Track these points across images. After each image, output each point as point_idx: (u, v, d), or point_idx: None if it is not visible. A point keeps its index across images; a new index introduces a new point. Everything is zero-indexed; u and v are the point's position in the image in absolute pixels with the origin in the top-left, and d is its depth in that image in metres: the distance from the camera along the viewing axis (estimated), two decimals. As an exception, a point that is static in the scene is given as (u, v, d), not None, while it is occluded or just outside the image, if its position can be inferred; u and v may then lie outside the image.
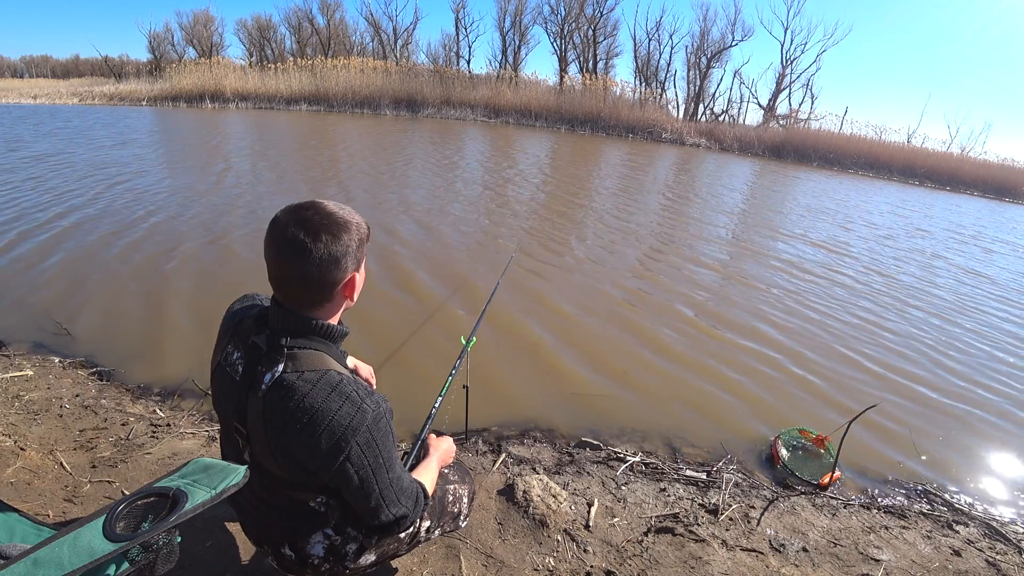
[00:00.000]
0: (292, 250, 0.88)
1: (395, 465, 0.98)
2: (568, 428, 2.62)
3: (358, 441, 0.90)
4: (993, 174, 19.67)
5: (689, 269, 5.30)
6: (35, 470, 1.91)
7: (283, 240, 0.88)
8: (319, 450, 0.89)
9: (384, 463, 0.95)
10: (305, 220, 0.88)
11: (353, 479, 0.92)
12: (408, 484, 1.03)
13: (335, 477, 0.92)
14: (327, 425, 0.88)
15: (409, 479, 1.05)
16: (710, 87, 28.22)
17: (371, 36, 30.55)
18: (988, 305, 5.44)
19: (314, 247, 0.87)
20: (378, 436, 0.93)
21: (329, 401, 0.89)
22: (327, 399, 0.89)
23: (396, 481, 0.99)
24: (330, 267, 0.90)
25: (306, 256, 0.88)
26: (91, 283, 3.84)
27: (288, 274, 0.90)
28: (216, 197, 6.49)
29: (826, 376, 3.42)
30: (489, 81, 25.22)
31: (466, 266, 4.75)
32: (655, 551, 1.82)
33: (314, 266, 0.89)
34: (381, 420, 0.93)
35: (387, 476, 0.96)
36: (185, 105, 21.01)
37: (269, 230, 0.90)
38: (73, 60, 38.69)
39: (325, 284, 0.92)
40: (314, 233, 0.88)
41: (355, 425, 0.89)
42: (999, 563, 1.98)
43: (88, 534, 0.68)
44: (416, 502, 1.05)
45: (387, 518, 0.99)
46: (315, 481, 0.95)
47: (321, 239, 0.88)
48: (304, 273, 0.89)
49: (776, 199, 11.01)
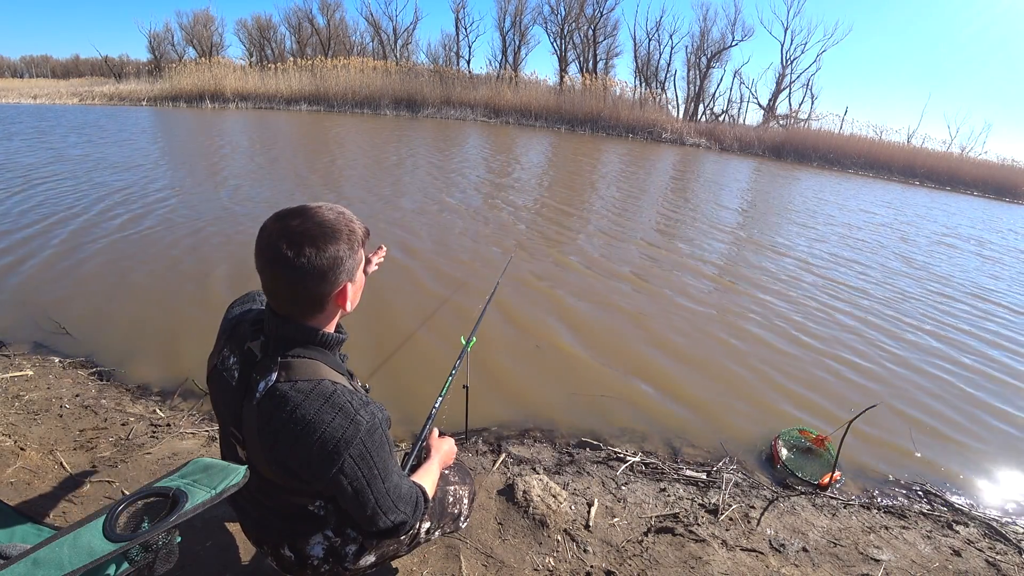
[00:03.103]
0: (276, 263, 0.84)
1: (391, 474, 0.96)
2: (568, 428, 2.62)
3: (351, 453, 0.88)
4: (993, 174, 19.68)
5: (689, 270, 5.30)
6: (35, 470, 1.91)
7: (268, 252, 0.85)
8: (312, 462, 0.87)
9: (379, 473, 0.93)
10: (290, 231, 0.84)
11: (347, 490, 0.91)
12: (407, 490, 1.01)
13: (329, 487, 0.91)
14: (319, 437, 0.86)
15: (408, 485, 1.03)
16: (710, 87, 28.28)
17: (371, 36, 30.62)
18: (989, 305, 5.44)
19: (296, 260, 0.83)
20: (372, 448, 0.90)
21: (322, 413, 0.86)
22: (320, 411, 0.86)
23: (393, 489, 0.97)
24: (316, 280, 0.86)
25: (290, 270, 0.84)
26: (91, 283, 3.84)
27: (275, 286, 0.88)
28: (216, 198, 6.49)
29: (826, 376, 3.42)
30: (489, 81, 25.24)
31: (466, 266, 4.75)
32: (655, 551, 1.82)
33: (299, 279, 0.85)
34: (376, 431, 0.91)
35: (383, 486, 0.94)
36: (185, 105, 21.01)
37: (257, 240, 0.87)
38: (73, 60, 38.73)
39: (313, 297, 0.89)
40: (297, 246, 0.83)
41: (348, 438, 0.87)
42: (999, 563, 1.98)
43: (88, 534, 0.68)
44: (416, 507, 1.03)
45: (385, 525, 0.98)
46: (310, 489, 0.94)
47: (304, 253, 0.83)
48: (290, 286, 0.86)
49: (776, 200, 11.01)
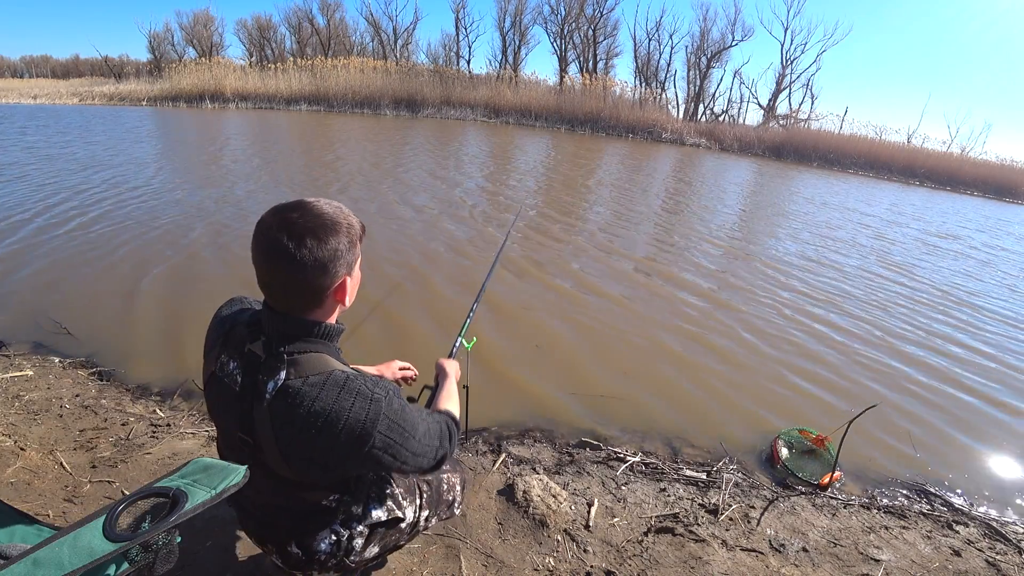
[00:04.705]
0: (276, 255, 0.84)
1: (417, 427, 0.98)
2: (568, 428, 2.62)
3: (380, 429, 0.89)
4: (993, 174, 19.69)
5: (688, 271, 5.30)
6: (35, 470, 1.91)
7: (267, 245, 0.84)
8: (341, 449, 0.88)
9: (409, 431, 0.95)
10: (290, 223, 0.84)
11: (384, 459, 0.92)
12: (436, 428, 1.04)
13: (363, 466, 0.92)
14: (345, 424, 0.87)
15: (433, 420, 1.06)
16: (710, 87, 28.32)
17: (371, 36, 30.67)
18: (989, 306, 5.44)
19: (298, 252, 0.83)
20: (395, 415, 0.92)
21: (341, 401, 0.87)
22: (338, 399, 0.87)
23: (424, 436, 0.99)
24: (317, 273, 0.86)
25: (290, 262, 0.83)
26: (92, 283, 3.84)
27: (274, 280, 0.87)
28: (216, 198, 6.49)
29: (826, 376, 3.42)
30: (489, 81, 25.25)
31: (466, 265, 4.75)
32: (655, 551, 1.82)
33: (299, 272, 0.85)
34: (393, 400, 0.93)
35: (414, 441, 0.96)
36: (185, 105, 21.01)
37: (255, 233, 0.86)
38: (73, 60, 38.69)
39: (313, 290, 0.88)
40: (298, 238, 0.83)
41: (373, 417, 0.88)
42: (999, 563, 1.98)
43: (88, 534, 0.68)
44: (449, 438, 1.08)
45: (428, 465, 1.02)
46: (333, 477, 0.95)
47: (306, 244, 0.83)
48: (290, 279, 0.86)
49: (778, 200, 11.01)
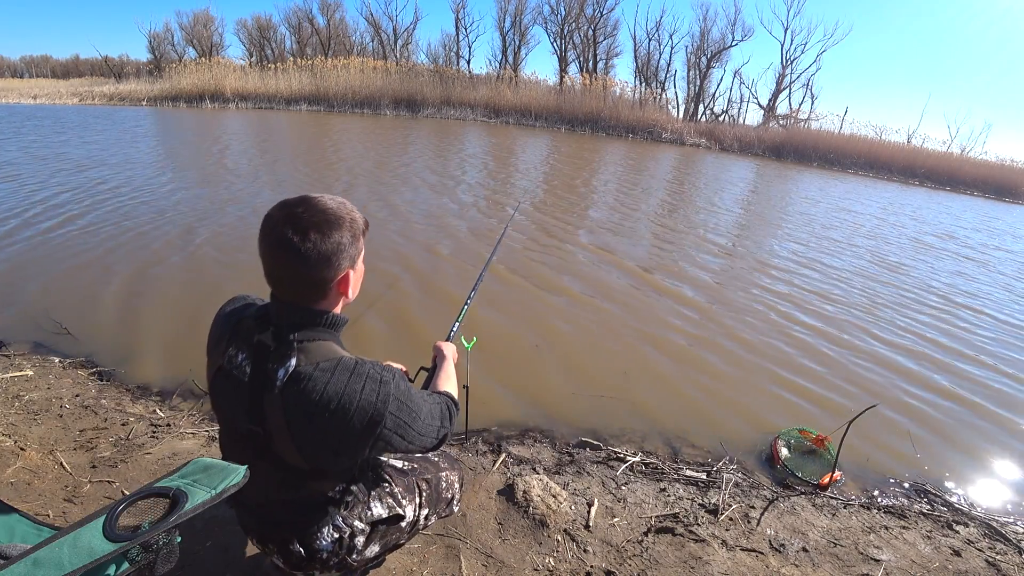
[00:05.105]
0: (282, 248, 0.87)
1: (422, 407, 1.02)
2: (568, 428, 2.62)
3: (390, 410, 0.93)
4: (993, 174, 19.67)
5: (689, 270, 5.30)
6: (35, 470, 1.91)
7: (273, 238, 0.88)
8: (354, 431, 0.91)
9: (415, 411, 0.99)
10: (295, 217, 0.88)
11: (394, 439, 0.96)
12: (436, 407, 1.08)
13: (374, 448, 0.95)
14: (357, 407, 0.90)
15: (434, 401, 1.09)
16: (710, 87, 28.26)
17: (371, 36, 30.61)
18: (989, 307, 5.44)
19: (303, 246, 0.87)
20: (403, 396, 0.96)
21: (352, 384, 0.90)
22: (350, 383, 0.90)
23: (427, 416, 1.03)
24: (321, 265, 0.89)
25: (295, 255, 0.87)
26: (92, 283, 3.84)
27: (281, 272, 0.90)
28: (216, 198, 6.49)
29: (826, 376, 3.41)
30: (489, 81, 25.24)
31: (465, 262, 4.75)
32: (655, 551, 1.82)
33: (304, 265, 0.88)
34: (400, 381, 0.97)
35: (420, 421, 1.01)
36: (185, 105, 21.01)
37: (261, 227, 0.90)
38: (73, 60, 38.66)
39: (318, 282, 0.92)
40: (303, 231, 0.87)
41: (384, 398, 0.92)
42: (999, 563, 1.98)
43: (88, 534, 0.68)
44: (450, 418, 1.13)
45: (431, 443, 1.07)
46: (344, 463, 0.98)
47: (310, 238, 0.87)
48: (295, 272, 0.89)
49: (777, 200, 11.01)
